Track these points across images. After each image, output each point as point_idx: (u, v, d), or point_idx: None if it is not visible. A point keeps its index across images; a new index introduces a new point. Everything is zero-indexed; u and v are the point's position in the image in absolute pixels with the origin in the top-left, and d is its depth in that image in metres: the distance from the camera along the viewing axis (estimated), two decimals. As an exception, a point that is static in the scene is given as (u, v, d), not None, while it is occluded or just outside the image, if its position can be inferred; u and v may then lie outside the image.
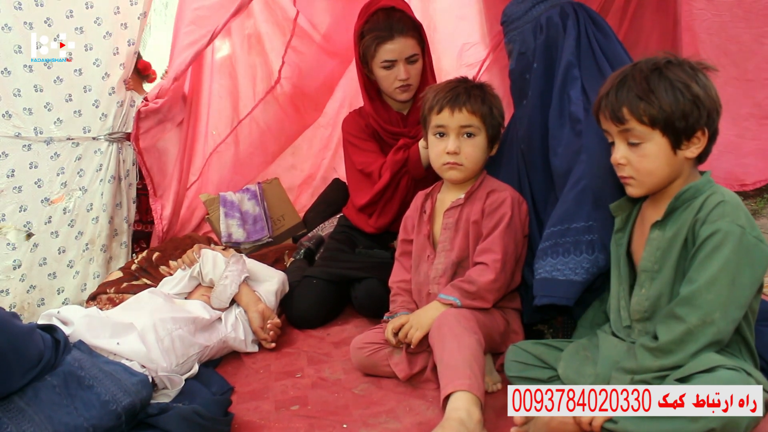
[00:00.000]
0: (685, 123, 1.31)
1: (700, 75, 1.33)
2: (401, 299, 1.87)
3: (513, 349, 1.62)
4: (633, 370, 1.31)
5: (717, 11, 2.87)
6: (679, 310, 1.26)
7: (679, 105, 1.30)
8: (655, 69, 1.33)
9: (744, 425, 1.18)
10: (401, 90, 2.21)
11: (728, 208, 1.27)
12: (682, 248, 1.33)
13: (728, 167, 3.07)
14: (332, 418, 1.60)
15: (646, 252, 1.39)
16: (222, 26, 2.28)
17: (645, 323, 1.40)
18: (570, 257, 1.60)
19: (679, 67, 1.34)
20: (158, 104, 2.40)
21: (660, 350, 1.27)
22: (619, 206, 1.50)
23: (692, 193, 1.34)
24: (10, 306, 2.22)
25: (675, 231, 1.34)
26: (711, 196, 1.30)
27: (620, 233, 1.51)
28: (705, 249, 1.26)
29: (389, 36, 2.14)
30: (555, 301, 1.62)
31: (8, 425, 1.29)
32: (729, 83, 2.96)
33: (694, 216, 1.31)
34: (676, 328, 1.25)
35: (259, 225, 2.91)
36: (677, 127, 1.31)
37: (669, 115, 1.30)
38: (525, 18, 1.80)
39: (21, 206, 2.24)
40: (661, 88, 1.31)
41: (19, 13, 2.19)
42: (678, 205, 1.35)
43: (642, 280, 1.40)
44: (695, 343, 1.24)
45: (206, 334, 1.88)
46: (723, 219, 1.26)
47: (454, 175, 1.79)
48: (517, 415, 1.34)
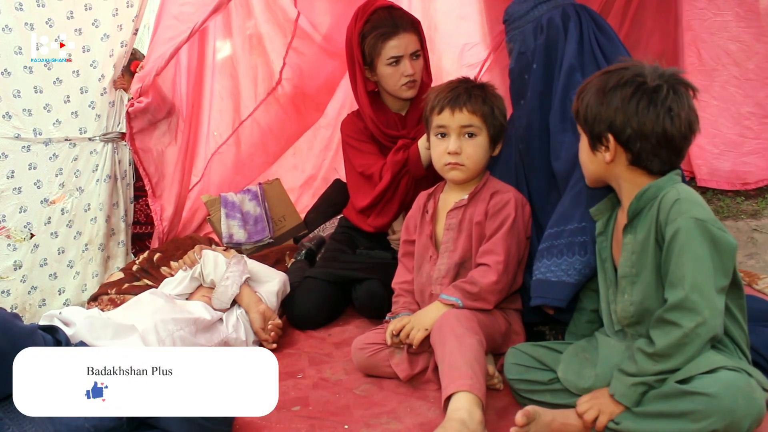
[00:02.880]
0: (590, 128, 1.40)
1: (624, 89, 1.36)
2: (403, 300, 1.87)
3: (513, 351, 1.62)
4: (633, 373, 1.31)
5: (718, 10, 2.87)
6: (670, 315, 1.26)
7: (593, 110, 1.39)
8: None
9: (747, 425, 1.18)
10: (407, 87, 2.21)
11: (684, 205, 1.28)
12: (655, 249, 1.33)
13: (730, 166, 3.07)
14: (333, 419, 1.60)
15: (622, 257, 1.40)
16: (201, 23, 2.27)
17: (636, 327, 1.40)
18: (563, 258, 1.61)
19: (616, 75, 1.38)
20: (143, 103, 2.40)
21: (658, 355, 1.27)
22: (599, 210, 1.51)
23: (654, 192, 1.34)
24: (11, 307, 2.22)
25: (645, 233, 1.34)
26: (668, 194, 1.31)
27: (602, 236, 1.51)
28: (673, 249, 1.27)
29: (394, 32, 2.15)
30: (548, 302, 1.63)
31: (10, 425, 1.29)
32: (730, 82, 2.97)
33: (657, 216, 1.31)
34: (672, 333, 1.25)
35: (260, 226, 2.91)
36: (589, 129, 1.41)
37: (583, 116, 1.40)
38: (526, 18, 1.80)
39: (21, 207, 2.25)
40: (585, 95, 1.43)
41: (20, 14, 2.18)
42: (641, 206, 1.36)
43: (623, 285, 1.41)
44: (692, 345, 1.24)
45: (207, 335, 1.88)
46: (681, 216, 1.27)
47: (455, 175, 1.79)
48: (519, 416, 1.34)
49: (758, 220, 2.93)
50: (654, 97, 1.32)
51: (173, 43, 2.30)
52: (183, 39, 2.29)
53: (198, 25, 2.27)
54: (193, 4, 2.30)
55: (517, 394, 1.60)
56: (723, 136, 3.04)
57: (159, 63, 2.32)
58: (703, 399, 1.19)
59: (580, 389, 1.45)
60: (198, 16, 2.27)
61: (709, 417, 1.18)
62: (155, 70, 2.33)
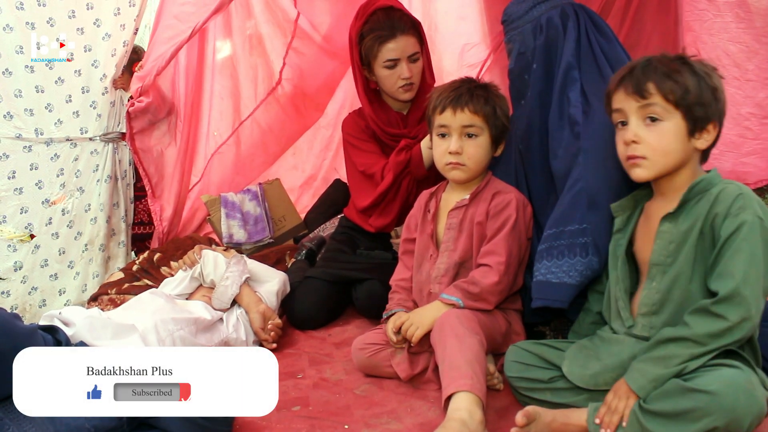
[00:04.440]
0: (703, 111, 1.34)
1: (714, 73, 1.37)
2: (398, 297, 1.87)
3: (513, 349, 1.61)
4: (662, 357, 1.28)
5: (718, 11, 2.87)
6: (717, 308, 1.25)
7: (701, 91, 1.34)
8: (679, 57, 1.37)
9: (747, 423, 1.18)
10: (404, 89, 2.21)
11: (747, 200, 1.28)
12: (698, 241, 1.33)
13: (729, 167, 3.08)
14: (334, 419, 1.60)
15: (657, 246, 1.39)
16: (202, 23, 2.27)
17: (651, 317, 1.39)
18: (564, 260, 1.60)
19: (699, 61, 1.38)
20: (143, 103, 2.40)
21: (692, 340, 1.26)
22: (621, 206, 1.50)
23: (704, 186, 1.34)
24: (11, 307, 2.22)
25: (690, 224, 1.34)
26: (727, 188, 1.31)
27: (619, 234, 1.50)
28: (733, 243, 1.26)
29: (391, 35, 2.14)
30: (549, 304, 1.62)
31: (10, 426, 1.29)
32: (730, 83, 2.97)
33: (709, 209, 1.31)
34: (716, 324, 1.24)
35: (260, 226, 2.91)
36: (696, 113, 1.34)
37: (692, 99, 1.33)
38: (525, 18, 1.80)
39: (22, 208, 2.25)
40: (686, 71, 1.34)
41: (21, 13, 2.18)
42: (690, 197, 1.35)
43: (653, 273, 1.40)
44: (730, 338, 1.24)
45: (207, 335, 1.88)
46: (745, 211, 1.27)
47: (457, 175, 1.79)
48: (519, 416, 1.34)
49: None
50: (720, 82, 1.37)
51: (173, 43, 2.30)
52: (183, 39, 2.29)
53: (199, 25, 2.27)
54: (193, 4, 2.30)
55: (517, 392, 1.59)
56: (723, 137, 2.97)
57: (159, 63, 2.32)
58: (704, 397, 1.18)
59: (585, 378, 1.44)
60: (198, 16, 2.26)
61: (710, 415, 1.17)
62: (156, 70, 2.32)
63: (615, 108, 1.41)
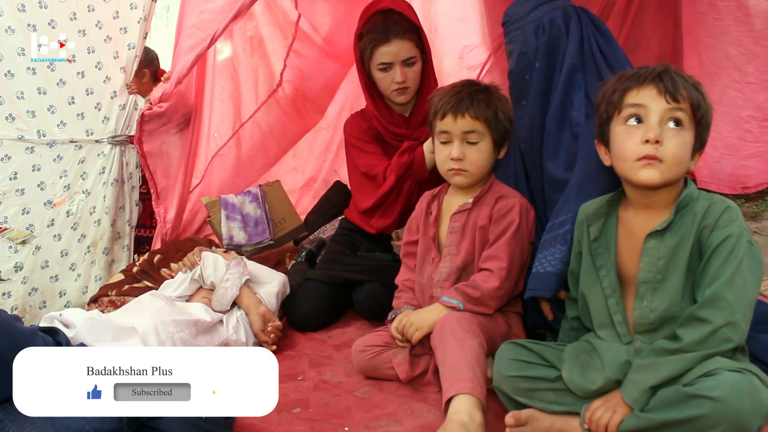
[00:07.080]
0: (707, 135, 1.36)
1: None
2: (406, 296, 1.87)
3: (510, 346, 1.51)
4: (655, 367, 1.27)
5: (718, 15, 2.87)
6: (702, 312, 1.25)
7: (710, 118, 1.35)
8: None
9: (755, 427, 1.17)
10: (398, 93, 2.21)
11: (734, 213, 1.30)
12: (689, 255, 1.32)
13: (730, 170, 3.08)
14: (334, 421, 1.60)
15: (644, 263, 1.36)
16: (222, 30, 2.28)
17: (650, 335, 1.37)
18: (549, 250, 1.62)
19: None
20: (162, 108, 2.40)
21: (683, 351, 1.26)
22: (596, 213, 1.45)
23: (688, 201, 1.34)
24: (11, 308, 2.22)
25: (677, 239, 1.33)
26: (714, 203, 1.32)
27: (596, 243, 1.45)
28: (720, 254, 1.27)
29: (385, 39, 2.14)
30: (536, 294, 1.64)
31: (10, 428, 1.29)
32: (730, 86, 2.97)
33: (698, 223, 1.31)
34: (701, 329, 1.25)
35: (260, 227, 2.91)
36: (703, 135, 1.35)
37: (705, 120, 1.34)
38: (527, 18, 1.80)
39: (24, 209, 2.25)
40: (706, 94, 1.34)
41: (22, 15, 2.19)
42: (677, 213, 1.35)
43: (642, 292, 1.38)
44: (718, 341, 1.24)
45: (208, 337, 1.88)
46: (732, 224, 1.28)
47: (459, 180, 1.78)
48: (509, 417, 1.35)
49: (758, 222, 2.95)
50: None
51: (195, 52, 2.32)
52: (204, 47, 2.31)
53: (219, 31, 2.28)
54: (210, 12, 2.31)
55: (507, 397, 1.49)
56: (723, 140, 3.05)
57: (182, 72, 2.34)
58: (709, 403, 1.16)
59: (588, 392, 1.39)
60: (217, 24, 2.28)
61: (717, 425, 1.16)
62: (176, 78, 2.35)
63: (633, 103, 1.34)
